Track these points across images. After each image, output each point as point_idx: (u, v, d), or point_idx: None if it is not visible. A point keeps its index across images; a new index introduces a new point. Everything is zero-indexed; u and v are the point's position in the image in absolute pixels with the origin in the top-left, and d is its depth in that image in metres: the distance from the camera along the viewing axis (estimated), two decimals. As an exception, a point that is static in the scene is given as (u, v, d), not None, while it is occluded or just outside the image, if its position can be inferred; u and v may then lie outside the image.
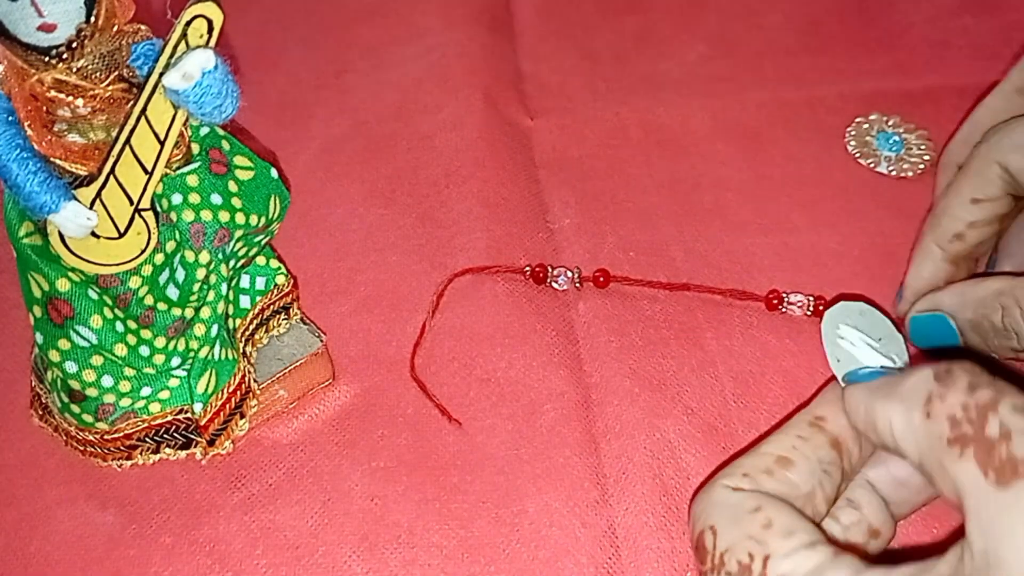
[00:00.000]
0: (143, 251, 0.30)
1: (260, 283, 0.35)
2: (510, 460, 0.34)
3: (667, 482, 0.33)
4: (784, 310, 0.38)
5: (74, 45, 0.27)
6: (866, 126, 0.46)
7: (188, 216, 0.31)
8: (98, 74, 0.27)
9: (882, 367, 0.29)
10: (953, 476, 0.23)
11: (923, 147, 0.44)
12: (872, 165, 0.44)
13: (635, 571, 0.31)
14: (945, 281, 0.36)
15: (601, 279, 0.39)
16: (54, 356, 0.31)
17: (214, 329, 0.32)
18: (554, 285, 0.39)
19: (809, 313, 0.38)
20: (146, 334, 0.31)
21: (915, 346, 0.35)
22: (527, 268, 0.39)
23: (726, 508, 0.27)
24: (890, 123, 0.46)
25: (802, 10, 0.53)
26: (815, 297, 0.38)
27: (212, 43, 0.27)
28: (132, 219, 0.29)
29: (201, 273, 0.32)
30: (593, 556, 0.32)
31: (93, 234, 0.29)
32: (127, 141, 0.28)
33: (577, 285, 0.39)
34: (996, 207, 0.35)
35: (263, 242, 0.35)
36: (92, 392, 0.32)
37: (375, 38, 0.52)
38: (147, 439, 0.33)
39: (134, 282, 0.31)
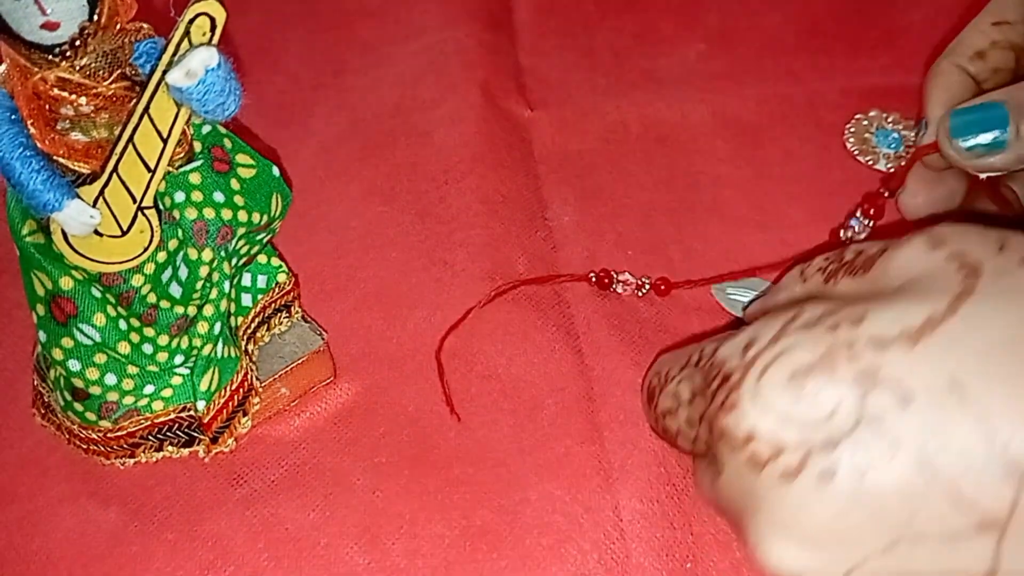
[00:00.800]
0: (146, 249, 0.30)
1: (261, 281, 0.35)
2: (512, 452, 0.34)
3: (671, 470, 0.33)
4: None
5: (77, 43, 0.27)
6: (865, 123, 0.46)
7: (191, 214, 0.31)
8: (101, 72, 0.27)
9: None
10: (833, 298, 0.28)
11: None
12: (871, 163, 0.44)
13: (639, 557, 0.31)
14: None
15: (662, 287, 0.39)
16: (57, 354, 0.31)
17: (217, 327, 0.33)
18: (617, 289, 0.39)
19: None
20: (149, 332, 0.31)
21: (952, 149, 0.34)
22: (592, 275, 0.39)
23: (665, 361, 0.32)
24: (889, 119, 0.46)
25: (802, 8, 0.53)
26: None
27: (215, 41, 0.27)
28: (135, 217, 0.29)
29: (204, 271, 0.32)
30: (597, 542, 0.32)
31: (96, 232, 0.29)
32: (130, 139, 0.28)
33: (640, 293, 0.39)
34: (1015, 32, 0.36)
35: (265, 240, 0.35)
36: (95, 390, 0.32)
37: (374, 36, 0.52)
38: (150, 437, 0.33)
39: (137, 280, 0.31)
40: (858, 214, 0.38)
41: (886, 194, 0.38)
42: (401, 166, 0.45)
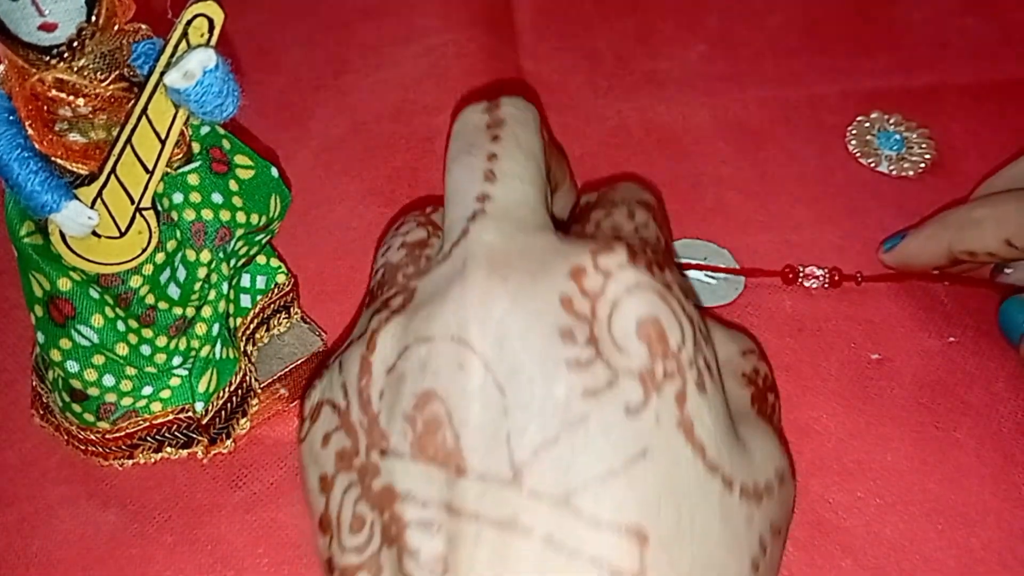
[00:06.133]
0: (144, 250, 0.30)
1: (260, 282, 0.35)
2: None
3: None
4: (801, 283, 0.39)
5: (75, 44, 0.27)
6: (867, 124, 0.46)
7: (189, 215, 0.31)
8: (99, 73, 0.27)
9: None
10: None
11: (924, 146, 0.44)
12: (873, 164, 0.44)
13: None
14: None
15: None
16: (55, 355, 0.31)
17: (215, 328, 0.32)
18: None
19: (827, 286, 0.39)
20: (147, 333, 0.31)
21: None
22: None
23: None
24: (891, 121, 0.46)
25: (803, 9, 0.53)
26: (829, 269, 0.39)
27: (213, 42, 0.27)
28: (133, 218, 0.29)
29: (202, 272, 0.32)
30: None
31: (94, 233, 0.29)
32: (128, 140, 0.28)
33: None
34: None
35: (264, 241, 0.35)
36: (93, 391, 0.32)
37: (375, 38, 0.52)
38: (148, 438, 0.33)
39: (135, 281, 0.31)
40: (824, 269, 0.39)
41: (860, 278, 0.39)
42: (402, 169, 0.45)
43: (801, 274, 0.39)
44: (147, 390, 0.32)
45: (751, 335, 0.33)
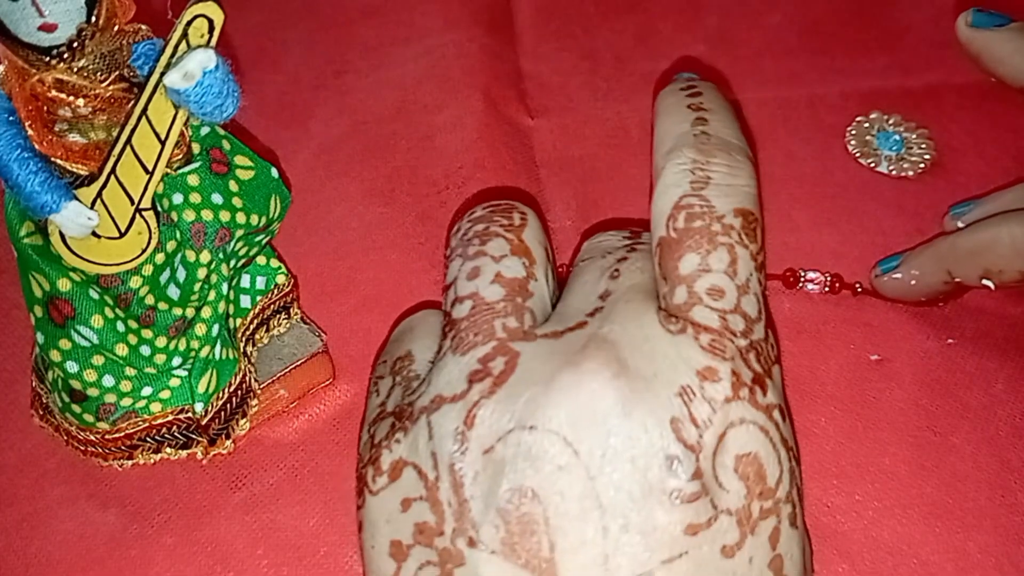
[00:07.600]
0: (144, 251, 0.30)
1: (260, 283, 0.35)
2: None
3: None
4: (802, 287, 0.39)
5: (75, 45, 0.27)
6: (867, 125, 0.46)
7: (189, 216, 0.31)
8: (99, 74, 0.27)
9: None
10: None
11: (924, 146, 0.44)
12: (872, 165, 0.44)
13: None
14: None
15: None
16: (55, 356, 0.31)
17: (215, 329, 0.32)
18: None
19: (826, 291, 0.39)
20: (147, 334, 0.31)
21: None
22: None
23: None
24: (891, 122, 0.46)
25: (802, 10, 0.52)
26: (831, 275, 0.39)
27: (213, 43, 0.27)
28: (133, 219, 0.29)
29: (202, 273, 0.32)
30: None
31: (94, 234, 0.29)
32: (128, 141, 0.28)
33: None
34: None
35: (263, 241, 0.35)
36: (93, 392, 0.32)
37: (375, 38, 0.52)
38: (148, 439, 0.33)
39: (135, 282, 0.31)
40: (826, 275, 0.39)
41: (859, 288, 0.39)
42: (402, 169, 0.45)
43: (802, 279, 0.39)
44: (147, 391, 0.32)
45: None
